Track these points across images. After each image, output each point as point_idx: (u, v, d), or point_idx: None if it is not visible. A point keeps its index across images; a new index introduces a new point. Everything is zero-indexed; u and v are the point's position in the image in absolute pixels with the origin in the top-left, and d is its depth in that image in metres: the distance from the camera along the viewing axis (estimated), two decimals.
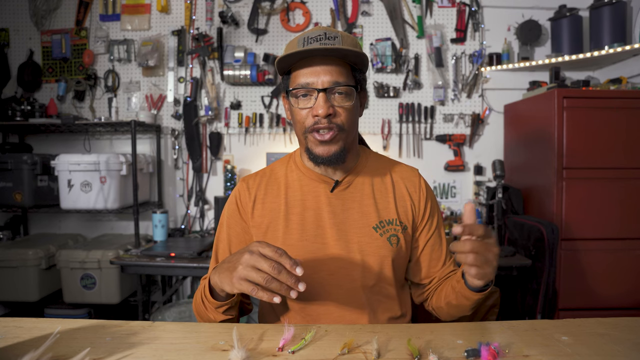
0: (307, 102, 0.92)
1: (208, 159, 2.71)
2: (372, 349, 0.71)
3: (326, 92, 0.90)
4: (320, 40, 0.91)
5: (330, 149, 0.93)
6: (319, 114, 0.89)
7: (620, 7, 2.28)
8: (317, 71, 0.91)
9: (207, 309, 0.89)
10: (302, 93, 0.92)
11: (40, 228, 2.83)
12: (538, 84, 2.45)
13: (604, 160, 2.03)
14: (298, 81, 0.92)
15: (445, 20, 2.63)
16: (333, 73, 0.90)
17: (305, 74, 0.91)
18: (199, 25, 2.66)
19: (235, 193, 1.05)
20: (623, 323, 0.84)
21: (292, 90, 0.93)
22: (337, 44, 0.90)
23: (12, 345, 0.74)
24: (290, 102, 0.95)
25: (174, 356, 0.71)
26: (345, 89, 0.92)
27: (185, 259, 2.01)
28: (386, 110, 2.66)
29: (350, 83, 0.93)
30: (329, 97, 0.91)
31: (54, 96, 2.70)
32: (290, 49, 0.93)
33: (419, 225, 1.04)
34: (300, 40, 0.93)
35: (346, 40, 0.92)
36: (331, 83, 0.90)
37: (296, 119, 0.95)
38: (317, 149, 0.94)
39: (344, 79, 0.92)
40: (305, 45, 0.91)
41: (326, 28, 0.94)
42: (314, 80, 0.91)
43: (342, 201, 1.00)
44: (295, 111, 0.94)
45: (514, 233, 2.21)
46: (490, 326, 0.85)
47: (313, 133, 0.92)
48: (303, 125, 0.94)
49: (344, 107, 0.92)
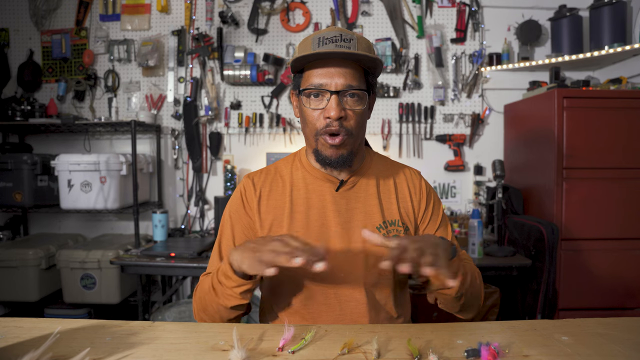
0: (319, 103, 0.93)
1: (208, 159, 2.71)
2: (372, 349, 0.71)
3: (339, 94, 0.91)
4: (336, 42, 0.90)
5: (339, 152, 0.94)
6: (331, 116, 0.90)
7: (620, 7, 2.28)
8: (332, 73, 0.91)
9: (218, 295, 0.88)
10: (314, 93, 0.93)
11: (40, 228, 2.83)
12: (538, 84, 2.45)
13: (604, 160, 2.03)
14: (311, 81, 0.92)
15: (445, 20, 2.63)
16: (347, 76, 0.91)
17: (320, 74, 0.92)
18: (199, 25, 2.66)
19: (241, 188, 1.05)
20: (623, 323, 0.84)
21: (304, 90, 0.94)
22: (352, 46, 0.91)
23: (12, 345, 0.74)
24: (301, 100, 0.96)
25: (174, 356, 0.71)
26: (358, 92, 0.92)
27: (185, 259, 2.01)
28: (386, 110, 2.66)
29: (363, 87, 0.94)
30: (341, 100, 0.91)
31: (54, 96, 2.70)
32: (304, 49, 0.94)
33: (420, 225, 1.04)
34: (315, 39, 0.92)
35: (361, 43, 0.93)
36: (345, 86, 0.91)
37: (307, 119, 0.95)
38: (326, 152, 0.95)
39: (357, 82, 0.92)
40: (320, 46, 0.91)
41: (341, 29, 0.93)
42: (327, 81, 0.91)
43: (346, 200, 1.01)
44: (307, 111, 0.94)
45: (514, 233, 2.21)
46: (490, 326, 0.85)
47: (324, 136, 0.93)
48: (314, 126, 0.94)
49: (354, 111, 0.93)
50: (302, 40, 0.97)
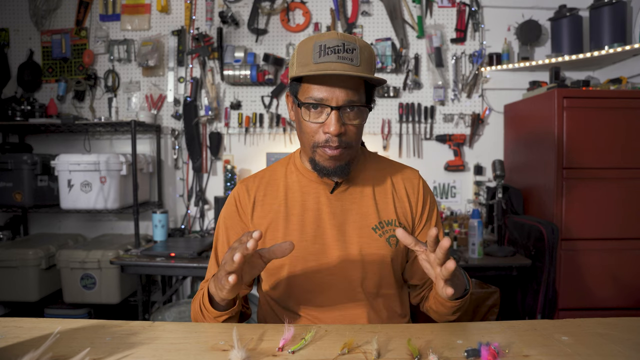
0: (318, 117, 0.90)
1: (208, 159, 2.71)
2: (372, 349, 0.71)
3: (339, 109, 0.88)
4: (338, 53, 0.86)
5: (337, 163, 0.94)
6: (331, 132, 0.88)
7: (620, 7, 2.28)
8: (333, 89, 0.87)
9: (205, 318, 0.90)
10: (313, 105, 0.90)
11: (40, 228, 2.83)
12: (538, 84, 2.45)
13: (604, 160, 2.03)
14: (311, 94, 0.89)
15: (445, 20, 2.63)
16: (349, 92, 0.88)
17: (321, 89, 0.88)
18: (199, 25, 2.66)
19: (235, 195, 1.04)
20: (623, 323, 0.84)
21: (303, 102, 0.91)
22: (355, 57, 0.87)
23: (12, 345, 0.74)
24: (299, 111, 0.93)
25: (174, 356, 0.71)
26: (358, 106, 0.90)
27: (185, 259, 2.01)
28: (386, 110, 2.66)
29: (364, 101, 0.91)
30: (341, 115, 0.89)
31: (54, 96, 2.70)
32: (304, 56, 0.89)
33: (417, 226, 1.04)
34: (316, 47, 0.87)
35: (363, 53, 0.89)
36: (345, 102, 0.88)
37: (304, 130, 0.93)
38: (324, 163, 0.94)
39: (358, 97, 0.90)
40: (322, 56, 0.86)
41: (344, 36, 0.88)
42: (328, 96, 0.88)
43: (341, 202, 1.00)
44: (305, 122, 0.92)
45: (514, 233, 2.21)
46: (490, 326, 0.85)
47: (324, 148, 0.91)
48: (312, 138, 0.92)
49: (354, 125, 0.91)
50: (300, 44, 0.91)
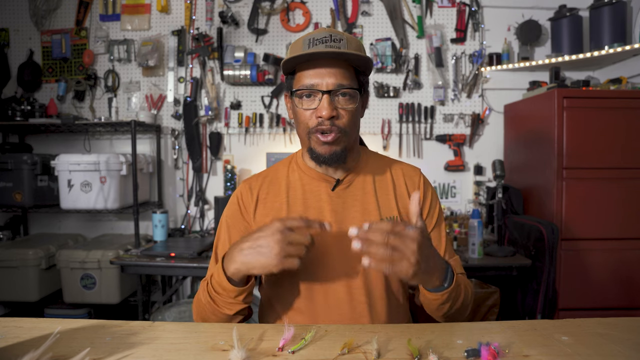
0: (311, 103, 0.94)
1: (208, 159, 2.71)
2: (372, 349, 0.71)
3: (330, 94, 0.92)
4: (326, 42, 0.92)
5: (332, 149, 0.95)
6: (323, 116, 0.91)
7: (620, 7, 2.28)
8: (322, 73, 0.92)
9: (219, 305, 0.89)
10: (306, 94, 0.94)
11: (40, 228, 2.83)
12: (538, 84, 2.45)
13: (604, 160, 2.03)
14: (303, 82, 0.94)
15: (445, 20, 2.63)
16: (337, 75, 0.92)
17: (310, 75, 0.93)
18: (199, 25, 2.66)
19: (237, 194, 1.05)
20: (623, 323, 0.84)
21: (296, 91, 0.95)
22: (342, 46, 0.92)
23: (12, 345, 0.74)
24: (294, 102, 0.97)
25: (174, 356, 0.71)
26: (349, 91, 0.93)
27: (185, 259, 2.01)
28: (386, 110, 2.66)
29: (354, 86, 0.95)
30: (333, 99, 0.93)
31: (54, 96, 2.70)
32: (295, 50, 0.94)
33: None
34: (306, 41, 0.94)
35: (351, 43, 0.94)
36: (335, 85, 0.92)
37: (300, 119, 0.96)
38: (319, 149, 0.95)
39: (348, 81, 0.93)
40: (310, 47, 0.92)
41: (331, 30, 0.95)
42: (318, 81, 0.92)
43: (343, 199, 1.01)
44: (299, 111, 0.96)
45: (514, 233, 2.21)
46: (490, 326, 0.85)
47: (317, 134, 0.94)
48: (307, 125, 0.95)
49: (347, 110, 0.94)
50: (293, 42, 0.98)
